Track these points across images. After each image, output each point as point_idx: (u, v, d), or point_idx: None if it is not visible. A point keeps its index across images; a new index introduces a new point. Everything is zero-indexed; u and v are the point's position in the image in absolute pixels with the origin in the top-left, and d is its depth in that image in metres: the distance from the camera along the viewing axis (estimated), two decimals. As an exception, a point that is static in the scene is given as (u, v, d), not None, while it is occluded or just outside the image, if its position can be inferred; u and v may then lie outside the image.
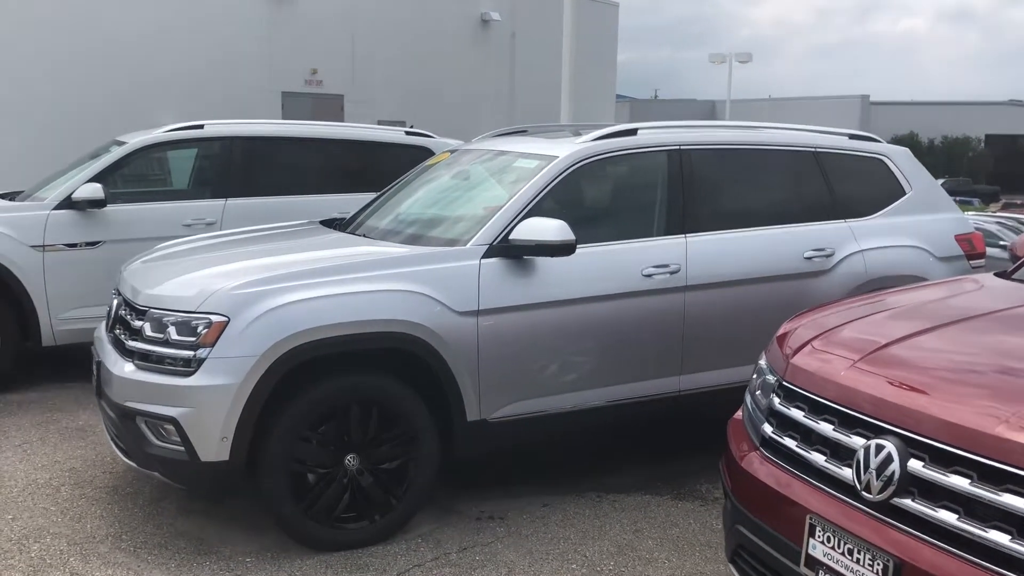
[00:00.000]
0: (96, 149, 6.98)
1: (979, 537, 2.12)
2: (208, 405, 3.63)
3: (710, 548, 3.95)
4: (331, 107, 18.96)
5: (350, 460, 3.87)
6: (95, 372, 4.24)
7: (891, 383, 2.50)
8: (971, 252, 5.38)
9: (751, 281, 4.67)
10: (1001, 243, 12.40)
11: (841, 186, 5.14)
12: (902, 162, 5.42)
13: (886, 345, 2.69)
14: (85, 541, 3.98)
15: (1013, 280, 3.41)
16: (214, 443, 3.65)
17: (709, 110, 59.99)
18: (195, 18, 15.97)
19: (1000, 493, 2.11)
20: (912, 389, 2.45)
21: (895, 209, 5.26)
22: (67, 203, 6.20)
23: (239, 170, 6.77)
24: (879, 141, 5.49)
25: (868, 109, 55.33)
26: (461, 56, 20.98)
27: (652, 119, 5.31)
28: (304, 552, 3.87)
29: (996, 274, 3.53)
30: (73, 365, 6.54)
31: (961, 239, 5.39)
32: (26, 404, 5.96)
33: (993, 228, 13.40)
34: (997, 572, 2.07)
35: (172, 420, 3.66)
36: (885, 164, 5.36)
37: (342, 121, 17.11)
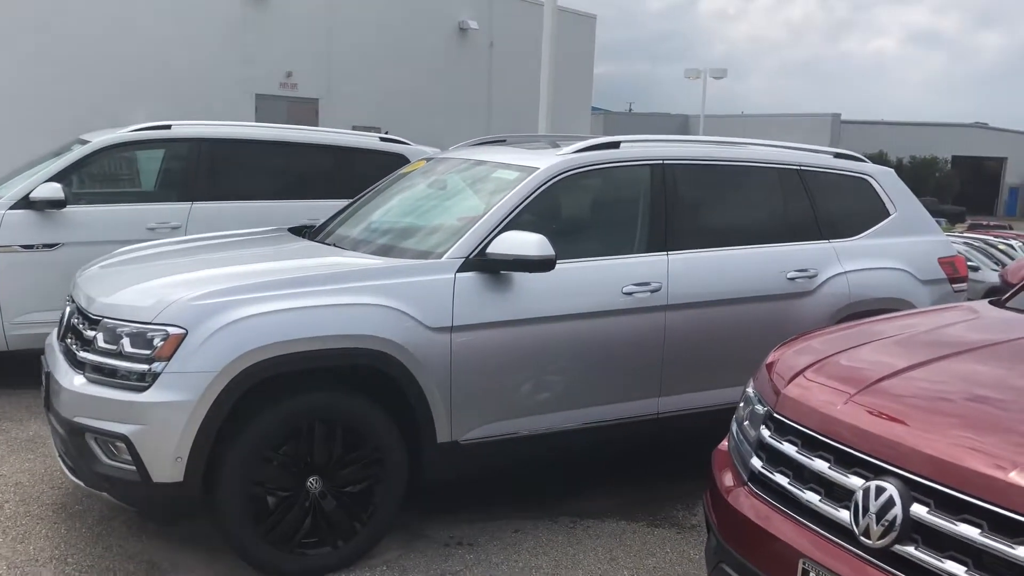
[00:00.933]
0: (59, 148, 6.71)
1: (989, 592, 1.97)
2: (162, 423, 3.41)
3: (688, 580, 3.79)
4: (306, 111, 18.73)
5: (312, 482, 3.66)
6: (44, 383, 4.00)
7: (891, 419, 2.35)
8: (953, 275, 5.29)
9: (734, 301, 4.54)
10: (970, 263, 12.46)
11: (825, 205, 5.03)
12: (887, 183, 5.32)
13: (885, 378, 2.54)
14: (26, 564, 3.74)
15: (1007, 309, 3.29)
16: (168, 463, 3.43)
17: (682, 124, 60.21)
18: (169, 17, 15.69)
19: (1015, 546, 1.96)
20: (914, 427, 2.30)
21: (879, 230, 5.16)
22: (24, 202, 5.93)
23: (206, 173, 6.53)
24: (864, 161, 5.39)
25: (839, 127, 55.82)
26: (438, 64, 20.85)
27: (625, 132, 5.15)
28: (261, 578, 3.66)
29: (990, 302, 3.41)
30: (25, 371, 6.26)
31: (944, 262, 5.30)
32: (-27, 412, 5.68)
33: (961, 248, 13.48)
34: (1008, 631, 1.93)
35: (123, 438, 3.43)
36: (870, 184, 5.26)
37: (316, 125, 16.89)
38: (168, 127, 6.51)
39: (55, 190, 5.88)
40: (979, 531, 2.03)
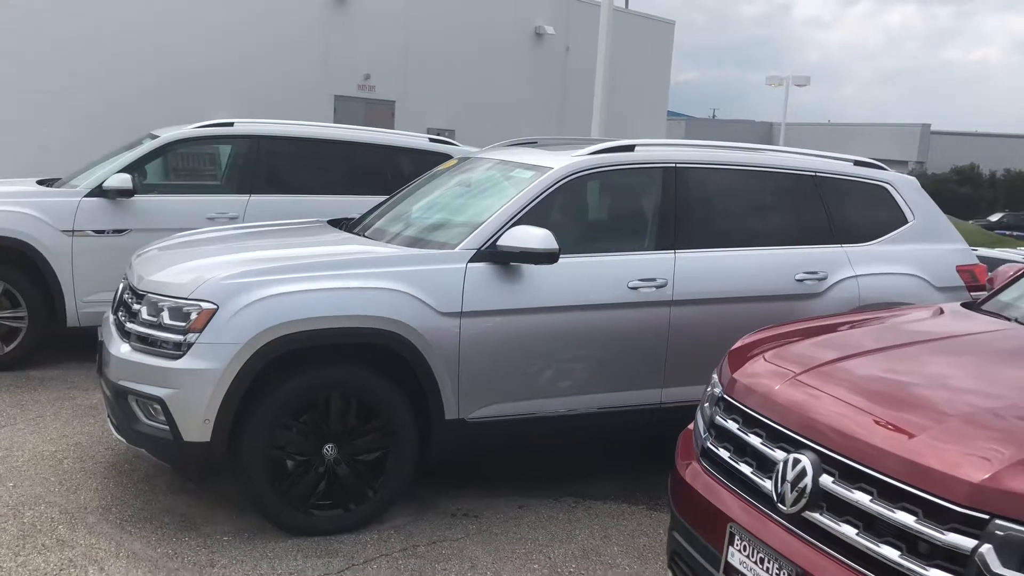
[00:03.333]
0: (131, 141, 7.27)
1: (872, 551, 2.19)
2: (192, 387, 3.81)
3: (672, 558, 4.02)
4: (382, 113, 19.26)
5: (328, 449, 4.02)
6: (99, 351, 4.46)
7: (815, 400, 2.57)
8: (972, 284, 5.35)
9: (739, 300, 4.73)
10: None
11: (840, 211, 5.17)
12: (906, 191, 5.43)
13: (820, 365, 2.76)
14: (76, 511, 4.19)
15: (978, 311, 3.44)
16: (197, 424, 3.83)
17: (766, 131, 59.48)
18: (253, 17, 16.38)
19: (895, 510, 2.17)
20: (833, 407, 2.51)
21: (895, 237, 5.27)
22: (98, 191, 6.48)
23: (264, 168, 7.00)
24: (885, 169, 5.50)
25: (928, 138, 54.35)
26: (514, 68, 21.14)
27: (706, 138, 5.36)
28: (279, 535, 4.02)
29: (963, 304, 3.56)
30: (94, 346, 6.82)
31: (963, 270, 5.37)
32: (47, 381, 6.23)
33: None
34: (887, 586, 2.14)
35: (159, 400, 3.85)
36: (888, 192, 5.37)
37: (392, 127, 17.41)
38: (231, 124, 7.00)
39: (125, 180, 6.40)
40: (869, 498, 2.24)
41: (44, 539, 3.89)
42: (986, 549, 1.98)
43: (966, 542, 2.01)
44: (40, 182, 7.10)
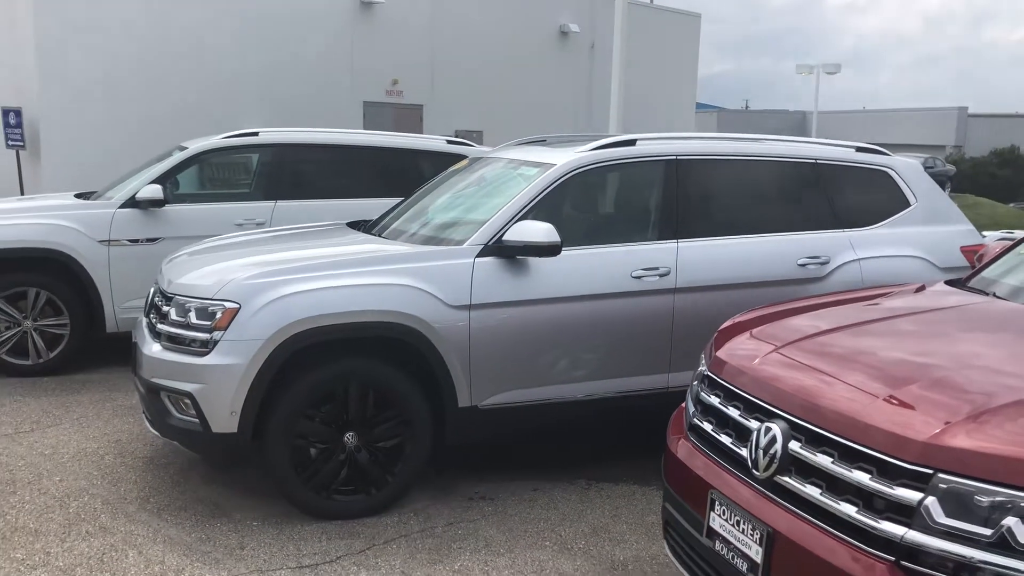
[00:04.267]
0: (161, 153, 7.59)
1: (834, 509, 2.36)
2: (219, 382, 4.07)
3: (678, 534, 4.19)
4: (411, 117, 19.55)
5: (349, 438, 4.26)
6: (133, 352, 4.74)
7: (785, 373, 2.75)
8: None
9: (742, 286, 4.88)
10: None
11: (842, 197, 5.30)
12: (908, 175, 5.53)
13: (795, 340, 2.93)
14: (117, 501, 4.47)
15: (961, 288, 3.57)
16: (224, 416, 4.09)
17: (800, 120, 58.99)
18: (282, 28, 16.75)
19: (852, 470, 2.34)
20: (801, 379, 2.69)
21: (898, 220, 5.39)
22: (131, 202, 6.79)
23: (289, 174, 7.28)
24: (886, 154, 5.61)
25: (965, 121, 53.54)
26: (540, 67, 21.29)
27: (739, 129, 5.54)
28: (304, 520, 4.27)
29: (948, 281, 3.69)
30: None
31: (967, 251, 5.46)
32: (88, 383, 6.56)
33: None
34: (845, 540, 2.31)
35: (189, 395, 4.12)
36: (890, 176, 5.48)
37: (420, 131, 17.70)
38: (256, 134, 7.29)
39: (156, 191, 6.71)
40: (831, 460, 2.41)
41: (87, 527, 4.18)
42: (930, 501, 2.15)
43: (913, 495, 2.18)
44: (78, 195, 7.44)
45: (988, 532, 2.04)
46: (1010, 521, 2.02)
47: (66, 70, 13.13)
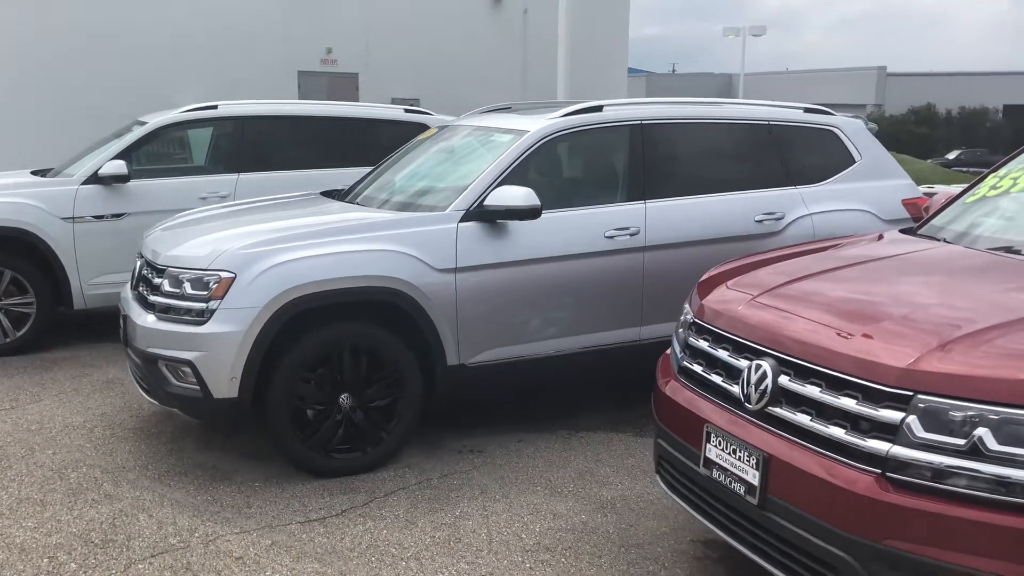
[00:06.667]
0: (119, 129, 7.56)
1: (824, 433, 2.66)
2: (219, 349, 4.22)
3: (658, 474, 4.51)
4: (346, 86, 19.42)
5: (344, 399, 4.45)
6: (122, 325, 4.84)
7: (772, 316, 3.04)
8: (917, 215, 5.82)
9: (705, 242, 5.18)
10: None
11: (794, 156, 5.63)
12: (853, 133, 5.89)
13: (774, 287, 3.22)
14: (116, 470, 4.60)
15: (914, 235, 3.91)
16: (225, 382, 4.24)
17: (726, 83, 59.97)
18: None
19: (840, 397, 2.64)
20: (787, 320, 2.98)
21: (844, 176, 5.75)
22: (94, 179, 6.80)
23: (250, 147, 7.35)
24: (831, 114, 5.96)
25: (884, 81, 55.13)
26: (474, 33, 21.25)
27: (667, 93, 5.79)
28: (304, 479, 4.46)
29: (901, 230, 4.04)
30: (100, 327, 7.20)
31: (908, 203, 5.86)
32: (60, 361, 6.59)
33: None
34: (835, 459, 2.61)
35: (188, 363, 4.26)
36: (836, 135, 5.83)
37: (356, 100, 17.65)
38: (215, 107, 7.32)
39: (120, 167, 6.73)
40: (819, 390, 2.71)
41: (92, 495, 4.30)
42: (911, 419, 2.45)
43: (895, 415, 2.48)
44: (34, 172, 7.39)
45: (962, 442, 2.36)
46: (980, 432, 2.33)
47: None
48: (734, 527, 2.99)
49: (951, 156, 45.22)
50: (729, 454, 2.95)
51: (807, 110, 5.90)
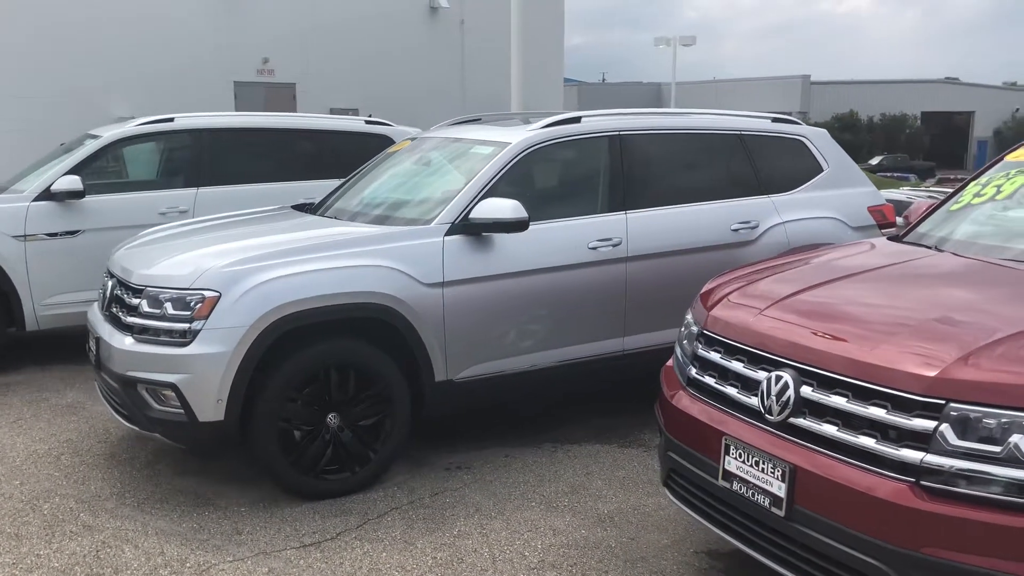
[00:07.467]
0: (69, 143, 7.30)
1: (853, 443, 2.68)
2: (205, 371, 4.08)
3: (651, 485, 4.50)
4: (283, 96, 19.16)
5: (332, 418, 4.34)
6: (94, 348, 4.64)
7: (788, 327, 3.05)
8: (882, 222, 5.99)
9: (685, 252, 5.22)
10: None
11: (765, 165, 5.71)
12: (820, 142, 6.01)
13: (785, 297, 3.24)
14: (91, 499, 4.41)
15: (902, 243, 3.99)
16: (211, 405, 4.10)
17: (655, 93, 60.93)
18: (146, 7, 16.10)
19: (868, 407, 2.66)
20: (803, 331, 2.99)
21: (813, 184, 5.85)
22: (46, 195, 6.53)
23: (209, 160, 7.15)
24: (799, 123, 6.07)
25: (809, 89, 56.60)
26: (411, 44, 21.19)
27: (600, 103, 5.82)
28: (292, 501, 4.34)
29: (889, 238, 4.11)
30: (54, 349, 6.93)
31: (873, 210, 6.00)
32: (13, 386, 6.31)
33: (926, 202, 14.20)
34: (866, 469, 2.63)
35: (172, 386, 4.10)
36: (804, 144, 5.94)
37: (294, 110, 17.40)
38: (171, 119, 7.11)
39: (75, 182, 6.48)
40: (845, 400, 2.73)
41: (70, 526, 4.11)
42: (944, 428, 2.48)
43: (928, 424, 2.51)
44: (-24, 190, 7.08)
45: (998, 449, 2.39)
46: (1016, 438, 2.37)
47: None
48: (755, 538, 2.99)
49: (874, 162, 46.62)
50: (751, 466, 2.95)
51: (775, 120, 5.99)
